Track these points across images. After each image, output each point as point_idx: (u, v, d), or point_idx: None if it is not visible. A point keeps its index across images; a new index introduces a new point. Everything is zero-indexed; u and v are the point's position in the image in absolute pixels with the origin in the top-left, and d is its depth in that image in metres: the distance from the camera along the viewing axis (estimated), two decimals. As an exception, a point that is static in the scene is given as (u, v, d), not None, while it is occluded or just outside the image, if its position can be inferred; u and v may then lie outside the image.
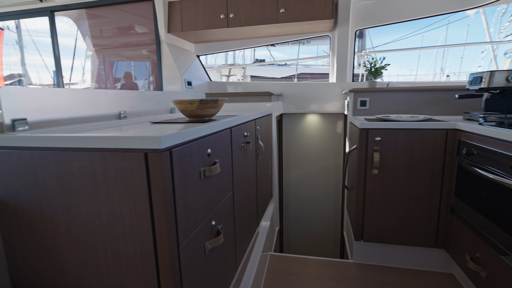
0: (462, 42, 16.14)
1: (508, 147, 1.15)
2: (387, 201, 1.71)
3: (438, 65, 15.11)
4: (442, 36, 16.10)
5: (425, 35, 15.99)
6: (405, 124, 1.62)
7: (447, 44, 17.17)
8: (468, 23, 17.36)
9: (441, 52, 16.35)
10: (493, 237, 1.22)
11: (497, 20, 13.63)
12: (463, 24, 15.16)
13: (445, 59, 16.66)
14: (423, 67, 15.75)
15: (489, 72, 1.58)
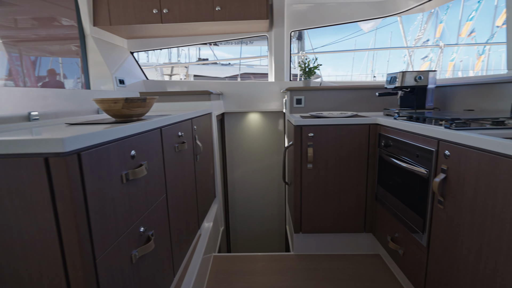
0: (387, 46, 18.11)
1: (414, 138, 1.31)
2: (321, 193, 1.82)
3: (369, 67, 16.73)
4: (372, 41, 17.86)
5: (358, 39, 17.55)
6: (334, 120, 1.74)
7: (375, 48, 19.08)
8: (391, 30, 19.56)
9: (371, 55, 18.13)
10: (406, 218, 1.38)
11: (415, 29, 15.62)
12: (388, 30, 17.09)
13: (375, 62, 18.53)
14: (357, 69, 17.28)
15: (401, 73, 1.79)
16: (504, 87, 1.46)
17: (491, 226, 0.88)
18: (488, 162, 0.88)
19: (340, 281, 1.65)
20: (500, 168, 0.84)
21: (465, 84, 1.73)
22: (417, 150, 1.27)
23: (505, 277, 0.83)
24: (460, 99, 1.78)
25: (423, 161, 1.23)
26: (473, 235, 0.95)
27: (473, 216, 0.95)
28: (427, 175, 1.19)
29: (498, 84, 1.49)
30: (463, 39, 12.98)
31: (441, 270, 1.13)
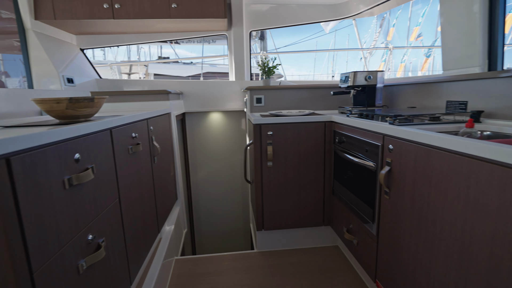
0: (345, 48, 19.03)
1: (364, 134, 1.40)
2: (282, 190, 1.86)
3: (330, 67, 17.47)
4: (332, 42, 18.64)
5: (319, 40, 18.23)
6: (292, 118, 1.79)
7: (334, 49, 19.91)
8: (348, 33, 20.61)
9: (331, 55, 18.92)
10: (359, 209, 1.46)
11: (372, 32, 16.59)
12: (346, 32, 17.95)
13: (335, 62, 19.38)
14: (319, 69, 17.95)
15: (353, 72, 1.90)
16: (440, 86, 1.61)
17: (427, 212, 0.97)
18: (423, 154, 0.97)
19: (301, 274, 1.70)
20: (433, 159, 0.93)
21: (408, 84, 1.88)
22: (366, 145, 1.36)
23: (439, 258, 0.92)
24: (405, 97, 1.93)
25: (371, 155, 1.32)
26: (413, 222, 1.04)
27: (413, 204, 1.03)
28: (375, 168, 1.28)
29: (435, 83, 1.65)
30: (411, 42, 14.13)
31: (388, 256, 1.22)
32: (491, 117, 1.30)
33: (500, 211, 0.71)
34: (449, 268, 0.88)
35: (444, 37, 1.62)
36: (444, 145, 0.87)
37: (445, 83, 1.57)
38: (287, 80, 2.93)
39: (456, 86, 1.50)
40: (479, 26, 1.42)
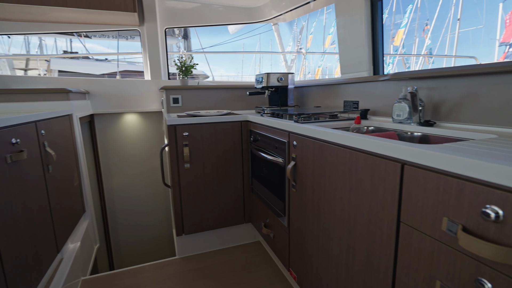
0: (269, 51, 19.98)
1: (274, 132, 1.47)
2: (201, 192, 1.82)
3: (257, 69, 18.08)
4: (258, 44, 19.34)
5: (248, 41, 18.68)
6: (208, 118, 1.77)
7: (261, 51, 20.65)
8: (271, 38, 21.78)
9: (258, 57, 19.61)
10: (273, 204, 1.54)
11: (294, 38, 17.80)
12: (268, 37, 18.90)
13: (261, 64, 20.16)
14: (247, 70, 18.42)
15: (266, 74, 1.99)
16: (339, 88, 1.81)
17: (323, 201, 1.07)
18: (319, 148, 1.07)
19: (223, 274, 1.70)
20: (326, 152, 1.03)
21: (315, 85, 2.07)
22: (276, 143, 1.43)
23: (334, 241, 1.03)
24: (313, 98, 2.12)
25: (280, 152, 1.39)
26: (314, 210, 1.13)
27: (313, 194, 1.13)
28: (284, 164, 1.36)
29: (335, 85, 1.85)
30: (326, 48, 15.75)
31: (297, 244, 1.31)
32: (375, 114, 1.52)
33: (372, 194, 0.82)
34: (341, 248, 0.99)
35: (341, 46, 1.83)
36: (333, 139, 0.98)
37: (342, 85, 1.78)
38: (214, 81, 2.90)
39: (351, 88, 1.71)
40: (365, 39, 1.65)
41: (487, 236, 0.54)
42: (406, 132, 1.15)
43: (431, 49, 16.12)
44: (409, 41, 16.35)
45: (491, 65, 0.96)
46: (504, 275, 0.52)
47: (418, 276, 0.70)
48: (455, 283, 0.61)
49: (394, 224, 0.75)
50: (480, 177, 0.54)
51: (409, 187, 0.70)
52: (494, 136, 0.84)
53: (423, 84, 1.23)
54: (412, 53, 16.83)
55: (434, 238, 0.65)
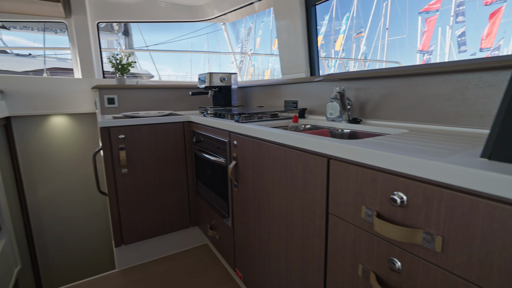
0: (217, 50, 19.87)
1: (216, 132, 1.45)
2: (142, 198, 1.72)
3: (207, 69, 17.81)
4: (206, 44, 19.05)
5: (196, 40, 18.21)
6: (147, 119, 1.68)
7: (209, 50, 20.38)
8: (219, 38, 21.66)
9: (207, 57, 19.30)
10: (218, 205, 1.52)
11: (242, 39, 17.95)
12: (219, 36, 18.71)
13: (210, 64, 19.89)
14: (196, 70, 17.99)
15: (209, 74, 1.96)
16: (280, 88, 1.87)
17: (263, 198, 1.09)
18: (257, 146, 1.08)
19: (168, 283, 1.63)
20: (263, 150, 1.05)
21: (258, 86, 2.11)
22: (218, 143, 1.42)
23: (274, 236, 1.06)
24: (256, 98, 2.15)
25: (222, 152, 1.39)
26: (255, 208, 1.15)
27: (254, 193, 1.15)
28: (226, 164, 1.35)
29: (276, 85, 1.91)
30: (274, 50, 16.26)
31: (242, 244, 1.32)
32: (312, 113, 1.60)
33: (304, 189, 0.86)
34: (280, 243, 1.02)
35: (280, 48, 1.90)
36: (269, 138, 1.00)
37: (283, 85, 1.84)
38: (156, 80, 2.75)
39: (290, 88, 1.77)
40: (302, 42, 1.73)
41: (396, 219, 0.60)
42: (337, 129, 1.24)
43: (366, 54, 17.74)
44: (348, 46, 17.75)
45: (403, 68, 1.08)
46: (409, 253, 0.58)
47: (345, 262, 0.75)
48: (373, 265, 0.67)
49: (324, 216, 0.80)
50: (389, 167, 0.61)
51: (334, 180, 0.75)
52: (406, 131, 0.95)
53: (351, 85, 1.34)
54: (350, 57, 18.29)
55: (356, 225, 0.70)
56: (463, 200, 0.48)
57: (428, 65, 1.00)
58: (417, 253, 0.57)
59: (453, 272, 0.51)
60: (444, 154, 0.57)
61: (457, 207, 0.50)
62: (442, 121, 1.00)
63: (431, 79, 1.02)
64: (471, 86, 0.91)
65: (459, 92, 0.95)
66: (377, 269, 0.66)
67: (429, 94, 1.03)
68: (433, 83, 1.02)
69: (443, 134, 0.85)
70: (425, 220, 0.55)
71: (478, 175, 0.46)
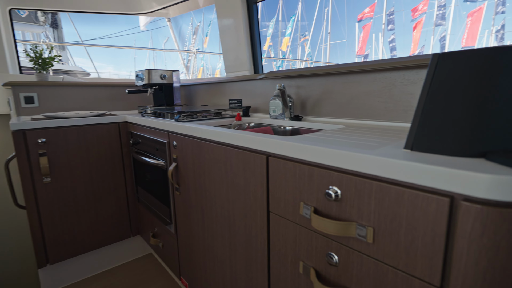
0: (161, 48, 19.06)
1: (154, 132, 1.35)
2: (71, 209, 1.52)
3: (152, 67, 16.95)
4: (150, 41, 18.02)
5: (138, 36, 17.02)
6: (75, 120, 1.49)
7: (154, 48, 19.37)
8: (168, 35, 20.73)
9: (152, 55, 18.32)
10: (159, 211, 1.41)
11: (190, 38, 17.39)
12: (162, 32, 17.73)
13: (156, 62, 18.93)
14: (141, 68, 16.90)
15: (147, 70, 1.82)
16: (224, 86, 1.83)
17: (205, 201, 1.03)
18: (197, 146, 1.02)
19: (106, 300, 1.47)
20: (203, 150, 0.99)
21: (202, 84, 2.03)
22: (157, 144, 1.32)
23: (218, 240, 1.01)
24: (201, 96, 2.07)
25: (161, 154, 1.29)
26: (198, 211, 1.09)
27: (196, 195, 1.08)
28: (165, 166, 1.26)
29: (220, 83, 1.85)
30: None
31: (186, 250, 1.24)
32: (256, 111, 1.59)
33: (245, 188, 0.83)
34: (225, 246, 0.97)
35: (223, 46, 1.85)
36: (208, 137, 0.95)
37: (227, 83, 1.80)
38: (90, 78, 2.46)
39: (235, 86, 1.74)
40: (244, 40, 1.71)
41: (332, 214, 0.60)
42: (280, 127, 1.24)
43: (311, 56, 18.69)
44: (294, 48, 18.49)
45: (338, 66, 1.13)
46: (345, 246, 0.59)
47: (286, 260, 0.74)
48: (313, 261, 0.66)
49: (265, 215, 0.78)
50: (323, 162, 0.60)
51: (273, 178, 0.73)
52: (342, 127, 0.98)
53: (292, 82, 1.36)
54: (297, 58, 19.08)
55: (296, 222, 0.69)
56: (390, 190, 0.50)
57: (359, 64, 1.06)
58: (352, 246, 0.58)
59: (384, 261, 0.53)
60: (373, 147, 0.59)
61: (384, 198, 0.51)
62: (374, 116, 1.06)
63: (363, 77, 1.08)
64: (397, 84, 0.98)
65: (387, 89, 1.01)
66: (316, 264, 0.66)
67: (362, 91, 1.09)
68: (365, 81, 1.07)
69: (375, 129, 0.90)
70: (357, 213, 0.55)
71: (400, 165, 0.48)
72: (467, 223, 0.41)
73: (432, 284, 0.47)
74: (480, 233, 0.40)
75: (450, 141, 0.50)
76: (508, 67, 0.48)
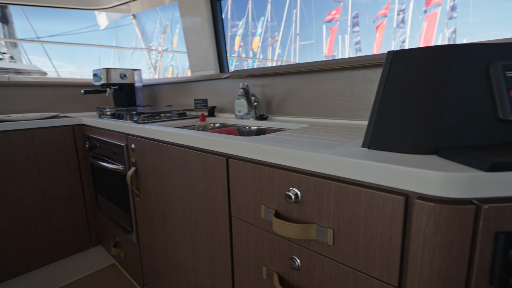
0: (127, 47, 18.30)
1: (112, 135, 1.26)
2: (18, 222, 1.37)
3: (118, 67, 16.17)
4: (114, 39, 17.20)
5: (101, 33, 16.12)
6: (20, 124, 1.35)
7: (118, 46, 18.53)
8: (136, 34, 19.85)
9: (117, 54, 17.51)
10: (120, 219, 1.32)
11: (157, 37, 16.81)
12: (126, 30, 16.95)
13: (122, 61, 18.08)
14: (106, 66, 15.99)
15: (105, 69, 1.71)
16: (189, 85, 1.76)
17: (167, 206, 0.97)
18: (156, 149, 0.96)
19: (62, 319, 1.35)
20: (163, 153, 0.93)
21: (166, 83, 1.95)
22: (114, 148, 1.23)
23: (180, 247, 0.96)
24: (166, 96, 1.99)
25: (119, 158, 1.20)
26: (160, 218, 1.03)
27: (157, 201, 1.02)
28: (124, 171, 1.18)
29: (186, 83, 1.79)
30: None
31: (149, 259, 1.17)
32: (222, 111, 1.55)
33: (207, 192, 0.79)
34: (188, 253, 0.92)
35: (188, 46, 1.78)
36: (168, 139, 0.90)
37: (192, 83, 1.74)
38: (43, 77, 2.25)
39: (200, 86, 1.68)
40: (209, 38, 1.65)
41: (293, 216, 0.58)
42: (245, 127, 1.21)
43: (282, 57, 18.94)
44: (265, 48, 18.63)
45: (301, 65, 1.12)
46: (306, 249, 0.57)
47: (250, 265, 0.71)
48: (276, 266, 0.64)
49: (227, 220, 0.74)
50: (283, 162, 0.58)
51: (234, 180, 0.70)
52: (306, 126, 0.97)
53: (258, 81, 1.33)
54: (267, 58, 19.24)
55: (258, 226, 0.66)
56: (348, 190, 0.49)
57: (321, 62, 1.06)
58: (313, 248, 0.56)
59: (344, 263, 0.51)
60: (333, 146, 0.58)
61: (343, 199, 0.49)
62: (337, 115, 1.07)
63: (326, 76, 1.08)
64: (358, 82, 0.99)
65: (348, 88, 1.02)
66: (279, 269, 0.63)
67: (325, 90, 1.09)
68: (328, 79, 1.08)
69: (337, 127, 0.90)
70: (317, 214, 0.54)
71: (356, 164, 0.47)
72: (421, 222, 0.41)
73: (390, 284, 0.46)
74: (433, 231, 0.40)
75: (405, 138, 0.50)
76: (458, 64, 0.49)
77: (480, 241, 0.39)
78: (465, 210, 0.38)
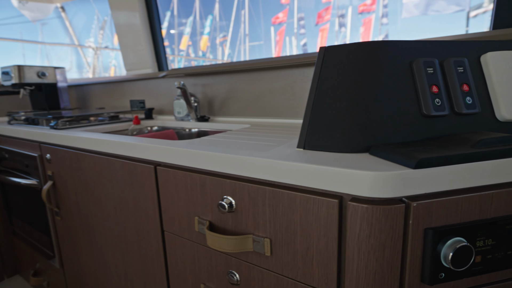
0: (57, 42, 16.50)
1: (23, 145, 1.06)
2: None
3: (46, 64, 14.43)
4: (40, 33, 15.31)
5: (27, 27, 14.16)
6: None
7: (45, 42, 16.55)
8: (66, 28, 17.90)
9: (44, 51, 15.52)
10: (39, 243, 1.13)
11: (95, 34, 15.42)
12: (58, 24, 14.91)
13: (51, 59, 16.15)
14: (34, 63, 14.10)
15: (17, 66, 1.46)
16: (124, 85, 1.60)
17: (92, 224, 0.84)
18: (75, 159, 0.83)
19: None
20: (84, 163, 0.80)
21: (97, 83, 1.75)
22: (26, 159, 1.04)
23: (111, 270, 0.84)
24: (97, 98, 1.78)
25: (33, 171, 1.02)
26: (85, 238, 0.89)
27: (81, 218, 0.88)
28: (40, 186, 1.00)
29: (120, 83, 1.62)
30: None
31: (76, 286, 1.01)
32: (161, 113, 1.43)
33: (135, 205, 0.69)
34: (119, 276, 0.81)
35: (122, 44, 1.61)
36: (87, 146, 0.77)
37: (127, 82, 1.58)
38: None
39: (136, 86, 1.54)
40: (144, 35, 1.52)
41: (228, 227, 0.53)
42: (184, 129, 1.12)
43: (232, 57, 18.89)
44: (214, 48, 18.40)
45: (241, 63, 1.08)
46: (245, 261, 0.52)
47: (187, 284, 0.64)
48: (214, 282, 0.58)
49: (160, 235, 0.66)
50: (214, 169, 0.52)
51: (164, 191, 0.62)
52: (248, 126, 0.93)
53: (198, 81, 1.26)
54: (217, 58, 19.05)
55: (192, 240, 0.60)
56: (282, 196, 0.45)
57: (260, 61, 1.03)
58: (251, 261, 0.51)
59: (283, 274, 0.47)
60: (269, 148, 0.54)
61: (278, 205, 0.45)
62: (279, 114, 1.05)
63: (267, 75, 1.05)
64: (298, 81, 0.98)
65: (289, 87, 1.01)
66: (218, 286, 0.57)
67: (267, 89, 1.06)
68: (269, 78, 1.05)
69: (279, 127, 0.87)
70: (253, 224, 0.49)
71: (289, 167, 0.43)
72: (356, 225, 0.39)
73: (329, 293, 0.43)
74: (367, 233, 0.38)
75: (338, 137, 0.48)
76: (386, 60, 0.48)
77: (410, 239, 0.38)
78: (395, 210, 0.37)
